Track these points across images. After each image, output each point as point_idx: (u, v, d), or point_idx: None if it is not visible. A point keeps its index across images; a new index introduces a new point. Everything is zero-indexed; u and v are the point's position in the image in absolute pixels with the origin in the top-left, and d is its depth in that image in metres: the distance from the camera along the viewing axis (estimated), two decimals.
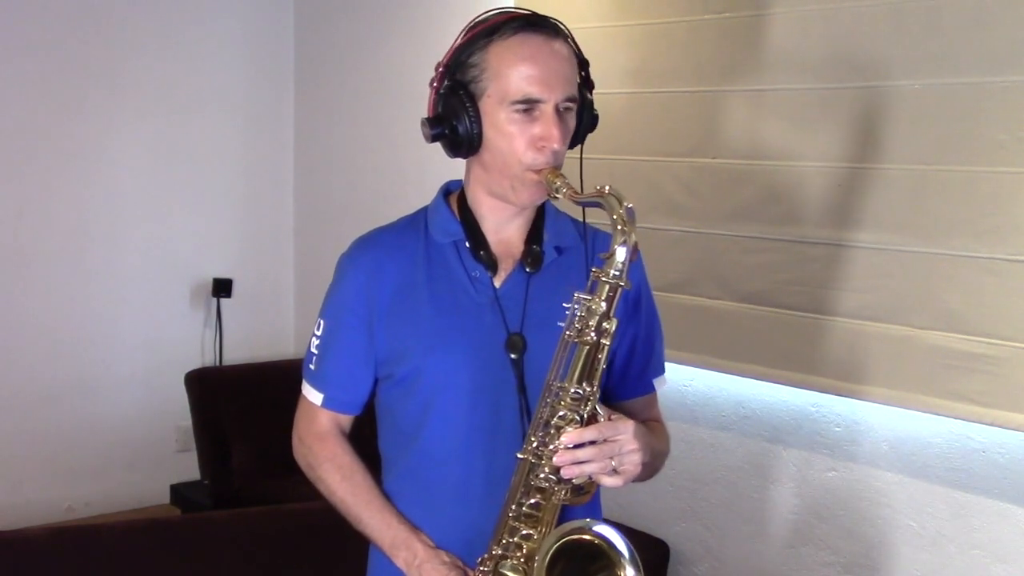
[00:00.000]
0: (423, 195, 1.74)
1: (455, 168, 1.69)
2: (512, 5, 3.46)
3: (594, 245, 1.65)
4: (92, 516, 4.33)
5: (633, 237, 1.44)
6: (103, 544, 2.55)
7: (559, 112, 1.52)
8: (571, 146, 1.63)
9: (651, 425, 1.69)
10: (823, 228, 2.82)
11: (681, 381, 3.22)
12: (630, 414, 1.65)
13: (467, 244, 1.62)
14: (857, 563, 2.88)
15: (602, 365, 1.48)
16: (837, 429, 2.91)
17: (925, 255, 2.62)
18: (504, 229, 1.63)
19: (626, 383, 1.72)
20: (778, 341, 2.92)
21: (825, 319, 2.82)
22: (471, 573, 1.56)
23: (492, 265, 1.61)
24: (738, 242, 3.00)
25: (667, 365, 1.80)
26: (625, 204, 1.44)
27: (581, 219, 1.66)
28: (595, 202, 1.47)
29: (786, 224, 2.89)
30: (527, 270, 1.61)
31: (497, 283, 1.61)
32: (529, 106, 1.51)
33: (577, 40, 1.61)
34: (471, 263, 1.61)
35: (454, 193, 1.68)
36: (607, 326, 1.47)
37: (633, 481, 1.69)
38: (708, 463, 3.21)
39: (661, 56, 3.16)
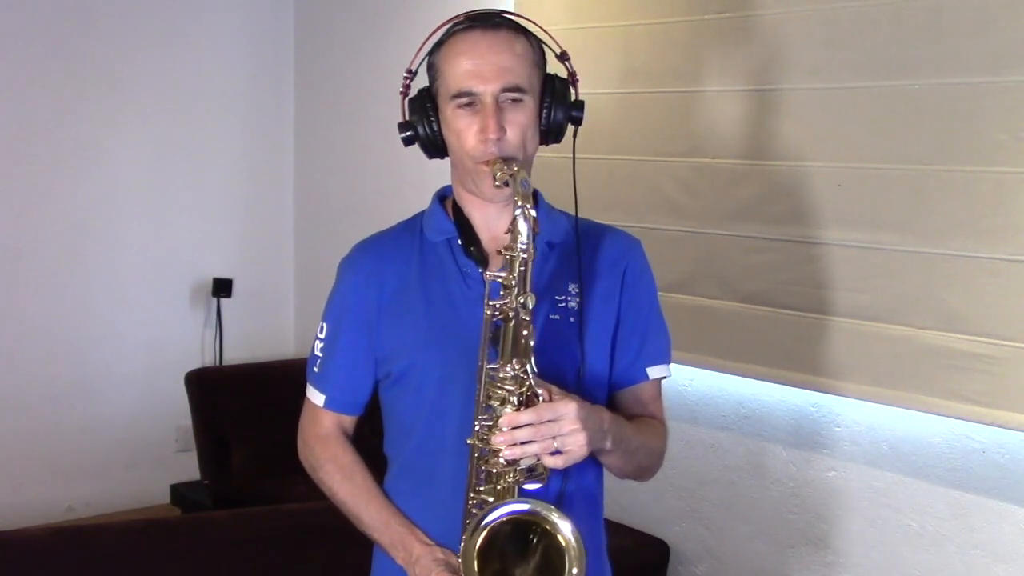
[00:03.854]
0: (423, 195, 1.75)
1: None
2: (511, 6, 3.46)
3: (588, 240, 1.65)
4: (92, 516, 4.33)
5: (531, 211, 1.47)
6: (103, 544, 2.55)
7: (499, 103, 1.53)
8: (550, 141, 1.63)
9: (644, 420, 1.67)
10: (823, 228, 2.82)
11: (681, 381, 3.22)
12: (624, 408, 1.65)
13: (459, 241, 1.64)
14: (857, 563, 2.88)
15: (531, 342, 1.48)
16: (837, 429, 2.91)
17: (925, 255, 2.62)
18: (494, 226, 1.64)
19: (616, 369, 1.68)
20: (778, 341, 2.92)
21: (825, 319, 2.82)
22: None
23: (483, 261, 1.62)
24: (738, 242, 3.00)
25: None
26: (521, 179, 1.48)
27: (583, 215, 1.66)
28: (508, 182, 1.50)
29: (786, 224, 2.89)
30: None
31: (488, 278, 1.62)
32: (469, 99, 1.54)
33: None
34: (463, 259, 1.63)
35: (449, 197, 1.70)
36: (523, 300, 1.48)
37: (625, 477, 1.68)
38: (708, 463, 3.21)
39: (660, 56, 3.16)
